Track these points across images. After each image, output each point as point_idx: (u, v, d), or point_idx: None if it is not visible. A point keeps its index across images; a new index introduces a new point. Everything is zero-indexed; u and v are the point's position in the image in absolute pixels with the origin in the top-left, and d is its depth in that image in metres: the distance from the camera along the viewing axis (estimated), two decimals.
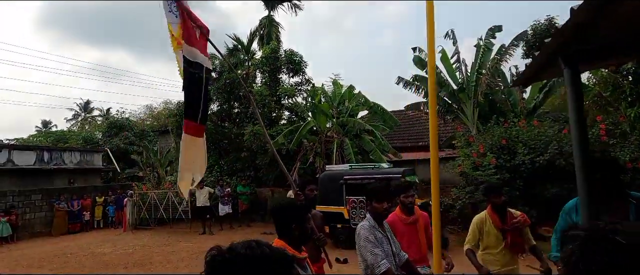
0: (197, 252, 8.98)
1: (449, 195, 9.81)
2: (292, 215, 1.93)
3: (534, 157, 8.38)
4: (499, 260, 3.19)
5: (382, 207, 2.54)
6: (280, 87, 14.60)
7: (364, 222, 2.56)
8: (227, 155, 15.49)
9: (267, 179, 14.13)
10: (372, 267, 2.35)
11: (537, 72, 2.46)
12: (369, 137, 12.20)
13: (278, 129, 13.64)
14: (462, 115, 12.31)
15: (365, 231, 2.45)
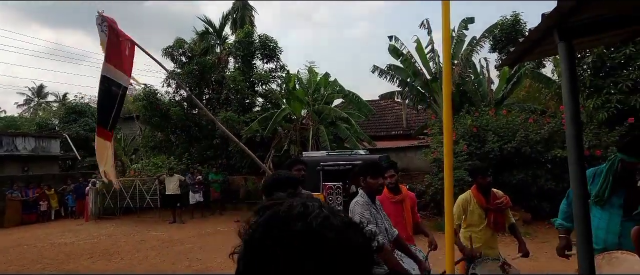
0: (167, 241, 8.66)
1: (422, 181, 10.05)
2: (286, 184, 1.84)
3: (503, 145, 8.75)
4: (480, 238, 3.28)
5: (377, 183, 2.51)
6: (254, 73, 14.25)
7: (358, 198, 2.52)
8: (197, 143, 15.00)
9: (240, 167, 13.86)
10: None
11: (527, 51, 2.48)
12: (344, 125, 12.22)
13: (252, 116, 13.35)
14: (434, 105, 12.60)
15: (359, 207, 2.42)
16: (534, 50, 2.50)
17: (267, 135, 12.55)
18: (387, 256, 2.27)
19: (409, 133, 15.03)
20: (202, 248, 7.87)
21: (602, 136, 8.27)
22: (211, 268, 6.37)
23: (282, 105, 13.38)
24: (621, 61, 8.36)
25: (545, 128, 8.74)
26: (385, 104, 17.66)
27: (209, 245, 8.12)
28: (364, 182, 2.52)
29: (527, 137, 8.63)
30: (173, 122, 14.23)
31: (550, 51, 2.66)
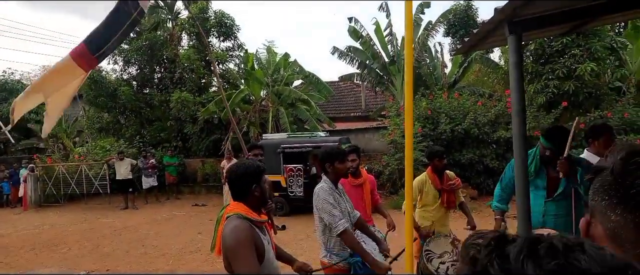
0: (120, 228, 8.25)
1: (380, 162, 10.41)
2: (253, 175, 1.81)
3: (454, 126, 9.26)
4: (433, 216, 3.50)
5: (345, 167, 2.57)
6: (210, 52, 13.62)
7: (322, 184, 2.56)
8: (150, 124, 14.21)
9: (197, 149, 13.40)
10: (331, 227, 2.37)
11: (480, 41, 2.61)
12: (304, 106, 12.19)
13: (208, 96, 12.86)
14: (392, 87, 12.93)
15: (324, 193, 2.46)
16: (486, 41, 2.65)
17: (225, 118, 12.20)
18: (349, 240, 2.35)
19: (368, 115, 15.37)
20: (158, 234, 7.61)
21: (540, 118, 9.03)
22: (168, 254, 6.20)
23: (241, 86, 13.02)
24: (558, 49, 9.08)
25: (492, 111, 9.36)
26: (345, 85, 17.81)
27: (165, 231, 7.87)
28: (331, 168, 2.55)
29: (476, 119, 9.20)
30: (122, 102, 13.31)
31: (500, 42, 2.83)
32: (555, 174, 2.61)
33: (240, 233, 1.66)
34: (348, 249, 2.43)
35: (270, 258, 1.79)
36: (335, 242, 2.42)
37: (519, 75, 2.22)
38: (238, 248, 1.63)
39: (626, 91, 9.68)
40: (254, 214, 1.79)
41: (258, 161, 3.22)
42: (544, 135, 2.67)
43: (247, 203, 1.80)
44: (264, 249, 1.74)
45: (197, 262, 5.70)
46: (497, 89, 12.29)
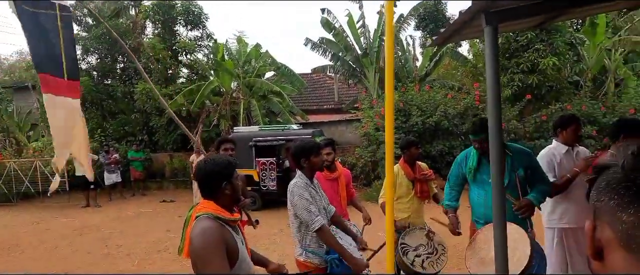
0: (81, 228, 7.77)
1: (353, 154, 10.44)
2: (223, 172, 1.67)
3: (425, 119, 9.42)
4: (408, 208, 3.49)
5: (321, 160, 2.48)
6: (177, 41, 13.03)
7: (297, 179, 2.46)
8: (113, 117, 13.47)
9: (164, 143, 12.86)
10: (307, 224, 2.28)
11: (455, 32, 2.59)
12: (276, 98, 11.97)
13: (176, 88, 12.32)
14: (365, 80, 12.97)
15: (299, 189, 2.36)
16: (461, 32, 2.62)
17: (195, 110, 11.76)
18: (327, 237, 2.27)
19: (340, 107, 15.36)
20: (123, 233, 7.23)
21: (505, 111, 9.36)
22: (134, 254, 5.89)
23: (210, 78, 12.56)
24: (523, 44, 9.42)
25: (461, 103, 9.59)
26: (318, 77, 17.69)
27: (130, 229, 7.49)
28: (306, 163, 2.45)
29: (446, 112, 9.40)
30: (81, 93, 12.47)
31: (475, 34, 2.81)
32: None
33: (210, 235, 1.53)
34: (325, 246, 2.35)
35: (244, 258, 1.67)
36: (311, 239, 2.33)
37: (495, 67, 2.20)
38: (207, 252, 1.51)
39: (583, 85, 10.23)
40: (225, 212, 1.66)
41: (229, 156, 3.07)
42: (470, 131, 2.74)
43: (217, 201, 1.67)
44: (237, 249, 1.62)
45: (166, 262, 5.45)
46: (465, 82, 12.64)
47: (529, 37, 9.25)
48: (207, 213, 1.61)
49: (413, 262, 3.01)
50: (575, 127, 2.89)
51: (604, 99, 9.76)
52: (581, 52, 10.28)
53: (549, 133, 9.03)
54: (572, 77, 10.53)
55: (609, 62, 10.31)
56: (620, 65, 10.29)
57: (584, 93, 9.62)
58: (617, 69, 10.26)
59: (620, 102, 9.01)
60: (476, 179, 2.78)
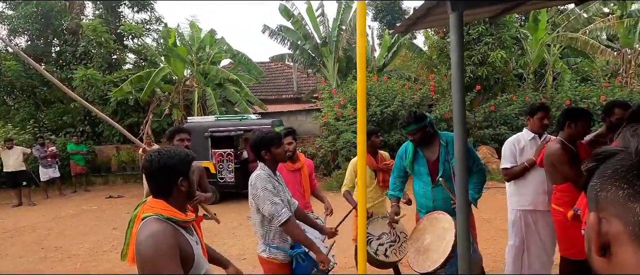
0: (11, 229, 6.95)
1: (313, 144, 10.37)
2: (179, 166, 1.44)
3: (383, 109, 9.57)
4: (371, 197, 3.47)
5: (283, 152, 2.33)
6: (122, 24, 12.01)
7: (259, 171, 2.29)
8: (48, 106, 12.19)
9: (110, 135, 11.90)
10: (272, 217, 2.13)
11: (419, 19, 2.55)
12: (233, 87, 11.50)
13: (122, 75, 11.40)
14: (324, 69, 12.89)
15: (262, 181, 2.20)
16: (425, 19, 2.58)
17: (144, 98, 10.97)
18: (293, 230, 2.14)
19: (300, 97, 15.19)
20: (62, 233, 6.57)
21: None
22: (76, 256, 5.37)
23: (161, 64, 11.76)
24: (474, 37, 9.86)
25: (417, 93, 9.86)
26: (276, 66, 17.32)
27: (70, 229, 6.84)
28: (268, 154, 2.29)
29: (403, 102, 9.62)
30: (8, 80, 11.12)
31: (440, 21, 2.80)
32: (432, 156, 2.68)
33: (161, 241, 1.31)
34: (289, 241, 2.23)
35: (199, 262, 1.47)
36: (274, 234, 2.19)
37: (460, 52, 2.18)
38: (157, 260, 1.29)
39: (526, 77, 10.98)
40: (178, 212, 1.44)
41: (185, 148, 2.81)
42: (403, 124, 2.72)
43: (169, 200, 1.45)
44: (192, 254, 1.42)
45: (112, 263, 5.02)
46: (421, 74, 13.03)
47: (479, 31, 9.69)
48: (157, 214, 1.39)
49: (376, 251, 3.00)
50: (542, 115, 2.96)
51: (544, 90, 10.55)
52: (525, 46, 10.99)
53: (497, 122, 9.60)
54: (517, 70, 11.24)
55: (548, 57, 11.13)
56: (557, 59, 11.15)
57: (527, 85, 10.31)
58: (555, 63, 11.11)
59: (558, 93, 9.78)
60: (414, 171, 2.77)
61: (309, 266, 2.21)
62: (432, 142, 2.67)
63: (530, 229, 2.98)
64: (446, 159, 2.60)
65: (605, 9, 11.51)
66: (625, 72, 10.72)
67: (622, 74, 10.80)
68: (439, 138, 2.66)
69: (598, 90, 9.36)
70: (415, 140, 2.63)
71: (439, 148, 2.64)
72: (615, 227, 0.53)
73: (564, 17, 10.99)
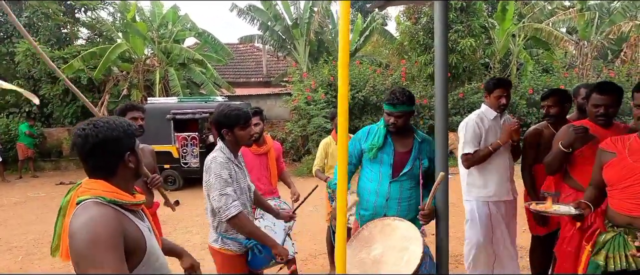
0: None
1: (283, 129, 10.11)
2: (126, 138, 1.20)
3: (355, 93, 9.45)
4: None
5: (248, 134, 2.05)
6: None
7: (217, 153, 2.00)
8: None
9: (60, 116, 10.94)
10: (219, 210, 1.87)
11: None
12: (199, 68, 10.90)
13: (73, 51, 10.44)
14: (294, 52, 12.54)
15: (217, 166, 1.92)
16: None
17: (98, 77, 10.13)
18: (243, 226, 1.89)
19: (269, 80, 14.77)
20: (3, 223, 5.94)
21: (428, 88, 9.87)
22: (18, 248, 4.84)
23: (118, 40, 10.88)
24: None
25: (389, 79, 9.81)
26: (245, 48, 16.70)
27: (14, 219, 6.20)
28: (229, 134, 2.02)
29: (375, 87, 9.55)
30: None
31: None
32: (402, 149, 2.23)
33: (102, 226, 1.07)
34: (238, 236, 1.99)
35: (153, 251, 1.23)
36: (228, 224, 1.94)
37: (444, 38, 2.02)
38: (95, 250, 1.04)
39: (492, 66, 11.26)
40: (124, 194, 1.20)
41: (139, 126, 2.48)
42: (388, 100, 2.19)
43: (112, 180, 1.19)
44: (143, 240, 1.18)
45: None
46: (392, 60, 13.03)
47: (450, 18, 9.73)
48: (96, 196, 1.14)
49: (348, 221, 2.90)
50: (500, 92, 2.62)
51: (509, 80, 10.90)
52: (492, 35, 11.23)
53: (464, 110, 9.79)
54: (484, 59, 11.50)
55: (513, 47, 11.46)
56: (521, 50, 11.52)
57: (493, 74, 10.57)
58: (519, 53, 11.46)
59: (521, 83, 10.11)
60: (376, 159, 2.23)
61: (266, 257, 1.99)
62: (406, 134, 2.24)
63: (495, 222, 2.67)
64: (418, 156, 2.21)
65: (566, 2, 11.99)
66: (582, 64, 11.28)
67: (579, 66, 11.37)
68: (414, 132, 2.27)
69: (558, 81, 9.77)
70: (396, 124, 2.16)
71: (412, 142, 2.23)
72: None
73: (529, 8, 11.31)
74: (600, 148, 1.92)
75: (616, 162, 1.80)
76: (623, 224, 1.79)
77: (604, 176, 1.85)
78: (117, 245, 1.08)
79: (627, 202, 1.76)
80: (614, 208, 1.83)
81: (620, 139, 1.86)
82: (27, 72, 10.26)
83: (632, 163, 1.75)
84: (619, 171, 1.78)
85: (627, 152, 1.79)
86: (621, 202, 1.78)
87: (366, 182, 2.26)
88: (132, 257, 1.13)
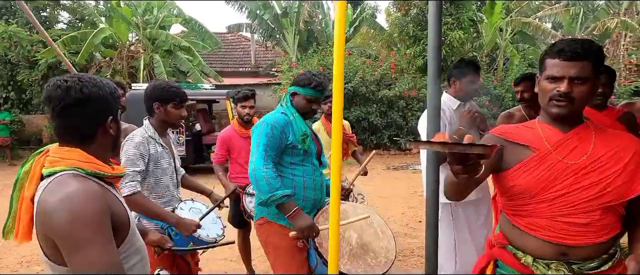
0: None
1: None
2: (111, 100, 1.07)
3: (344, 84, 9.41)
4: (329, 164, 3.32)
5: (179, 115, 1.94)
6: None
7: (139, 131, 1.89)
8: None
9: (39, 103, 10.57)
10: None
11: None
12: (185, 55, 10.67)
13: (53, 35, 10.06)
14: (283, 42, 12.40)
15: (131, 145, 1.81)
16: None
17: (80, 63, 9.80)
18: (139, 205, 1.77)
19: (257, 71, 14.60)
20: None
21: (417, 79, 9.91)
22: None
23: (100, 25, 10.53)
24: None
25: (378, 71, 9.81)
26: (233, 38, 16.44)
27: None
28: (161, 110, 1.90)
29: (364, 78, 9.53)
30: None
31: None
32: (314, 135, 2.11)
33: (84, 204, 0.93)
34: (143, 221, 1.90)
35: (134, 229, 1.11)
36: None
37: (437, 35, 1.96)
38: (80, 232, 0.91)
39: (480, 60, 11.37)
40: (103, 165, 1.05)
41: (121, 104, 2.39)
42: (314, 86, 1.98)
43: (90, 148, 1.04)
44: (127, 217, 1.06)
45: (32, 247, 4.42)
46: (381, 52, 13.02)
47: None
48: (74, 168, 0.99)
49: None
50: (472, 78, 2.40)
51: (495, 73, 11.02)
52: (480, 29, 11.33)
53: None
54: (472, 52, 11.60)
55: (500, 41, 11.60)
56: (508, 44, 11.66)
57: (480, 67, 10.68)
58: (506, 47, 11.61)
59: (507, 76, 10.25)
60: (309, 151, 2.00)
61: (184, 239, 1.88)
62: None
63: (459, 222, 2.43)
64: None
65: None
66: None
67: None
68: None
69: None
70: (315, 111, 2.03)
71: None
72: None
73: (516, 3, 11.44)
74: (497, 135, 1.21)
75: (537, 161, 1.13)
76: (549, 257, 1.13)
77: (516, 182, 1.14)
78: (105, 224, 0.96)
79: (560, 222, 1.10)
80: (534, 233, 1.14)
81: (524, 127, 1.22)
82: (4, 56, 9.85)
83: (560, 161, 1.11)
84: (545, 174, 1.12)
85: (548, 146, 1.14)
86: (549, 223, 1.12)
87: (298, 179, 1.95)
88: (117, 236, 1.01)
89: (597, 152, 1.09)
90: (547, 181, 1.10)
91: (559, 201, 1.09)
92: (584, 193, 1.07)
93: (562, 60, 1.08)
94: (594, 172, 1.07)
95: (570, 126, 1.13)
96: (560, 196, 1.09)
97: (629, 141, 1.13)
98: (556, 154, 1.11)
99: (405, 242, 4.03)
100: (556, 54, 1.09)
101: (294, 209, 1.81)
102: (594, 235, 1.07)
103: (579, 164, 1.09)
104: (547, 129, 1.16)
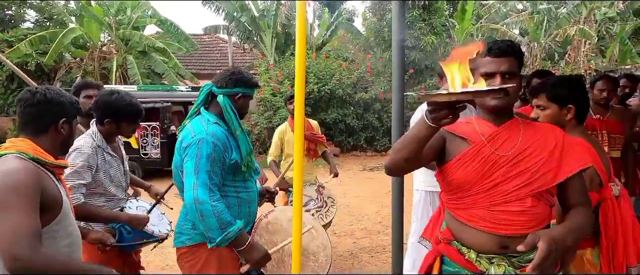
0: None
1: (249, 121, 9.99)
2: (69, 107, 1.32)
3: (321, 86, 9.54)
4: None
5: (134, 129, 1.94)
6: None
7: (86, 139, 1.81)
8: None
9: (4, 105, 10.12)
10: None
11: None
12: (160, 57, 10.49)
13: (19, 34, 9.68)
14: (261, 44, 12.41)
15: (80, 157, 1.75)
16: None
17: (49, 63, 9.46)
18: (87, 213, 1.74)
19: None
20: None
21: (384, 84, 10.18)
22: None
23: (70, 25, 10.21)
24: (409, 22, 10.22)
25: (354, 74, 10.00)
26: (210, 39, 16.25)
27: None
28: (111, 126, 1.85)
29: (341, 81, 9.69)
30: None
31: None
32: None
33: (18, 176, 1.13)
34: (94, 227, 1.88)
35: (68, 214, 1.30)
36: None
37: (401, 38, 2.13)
38: (9, 197, 1.10)
39: None
40: (46, 154, 1.27)
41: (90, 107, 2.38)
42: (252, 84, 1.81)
43: (41, 140, 1.27)
44: (60, 199, 1.25)
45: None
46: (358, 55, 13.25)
47: (414, 15, 10.07)
48: (20, 152, 1.20)
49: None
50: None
51: None
52: (452, 34, 11.76)
53: None
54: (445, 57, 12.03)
55: None
56: None
57: None
58: None
59: None
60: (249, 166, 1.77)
61: (136, 237, 1.90)
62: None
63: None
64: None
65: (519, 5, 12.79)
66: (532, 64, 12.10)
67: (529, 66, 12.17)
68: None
69: None
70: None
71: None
72: None
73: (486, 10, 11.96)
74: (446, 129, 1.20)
75: (473, 154, 1.19)
76: (491, 250, 1.17)
77: (455, 175, 1.21)
78: (31, 196, 1.13)
79: (497, 212, 1.16)
80: (474, 225, 1.19)
81: (464, 122, 1.26)
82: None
83: (493, 152, 1.17)
84: (479, 166, 1.18)
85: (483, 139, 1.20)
86: (487, 214, 1.17)
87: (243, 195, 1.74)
88: (47, 213, 1.19)
89: (524, 143, 1.18)
90: (482, 172, 1.17)
91: (494, 191, 1.17)
92: (515, 181, 1.16)
93: (493, 56, 1.20)
94: (523, 161, 1.17)
95: (503, 120, 1.23)
96: (495, 186, 1.17)
97: (552, 132, 1.24)
98: (489, 146, 1.19)
99: (379, 239, 4.19)
100: (487, 52, 1.21)
101: (247, 242, 1.58)
102: (528, 224, 1.15)
103: (509, 155, 1.18)
104: (482, 123, 1.24)
